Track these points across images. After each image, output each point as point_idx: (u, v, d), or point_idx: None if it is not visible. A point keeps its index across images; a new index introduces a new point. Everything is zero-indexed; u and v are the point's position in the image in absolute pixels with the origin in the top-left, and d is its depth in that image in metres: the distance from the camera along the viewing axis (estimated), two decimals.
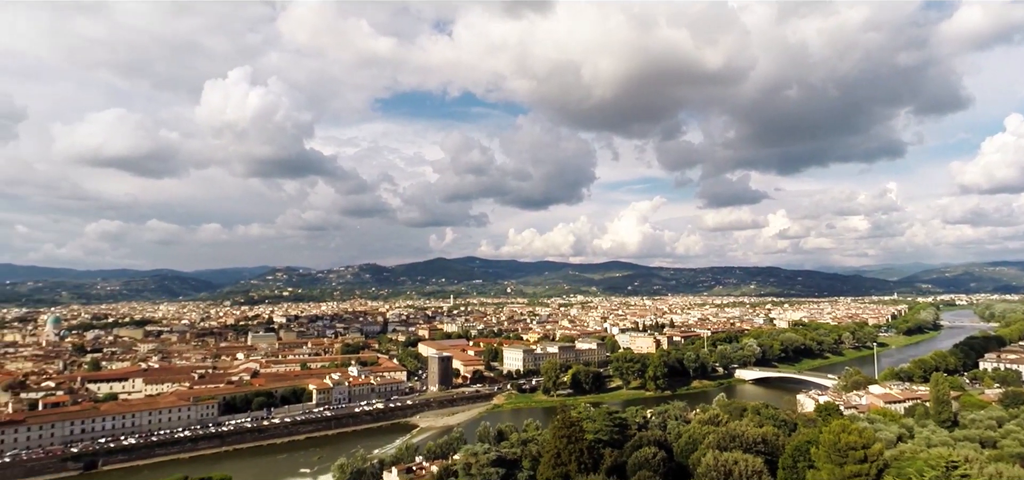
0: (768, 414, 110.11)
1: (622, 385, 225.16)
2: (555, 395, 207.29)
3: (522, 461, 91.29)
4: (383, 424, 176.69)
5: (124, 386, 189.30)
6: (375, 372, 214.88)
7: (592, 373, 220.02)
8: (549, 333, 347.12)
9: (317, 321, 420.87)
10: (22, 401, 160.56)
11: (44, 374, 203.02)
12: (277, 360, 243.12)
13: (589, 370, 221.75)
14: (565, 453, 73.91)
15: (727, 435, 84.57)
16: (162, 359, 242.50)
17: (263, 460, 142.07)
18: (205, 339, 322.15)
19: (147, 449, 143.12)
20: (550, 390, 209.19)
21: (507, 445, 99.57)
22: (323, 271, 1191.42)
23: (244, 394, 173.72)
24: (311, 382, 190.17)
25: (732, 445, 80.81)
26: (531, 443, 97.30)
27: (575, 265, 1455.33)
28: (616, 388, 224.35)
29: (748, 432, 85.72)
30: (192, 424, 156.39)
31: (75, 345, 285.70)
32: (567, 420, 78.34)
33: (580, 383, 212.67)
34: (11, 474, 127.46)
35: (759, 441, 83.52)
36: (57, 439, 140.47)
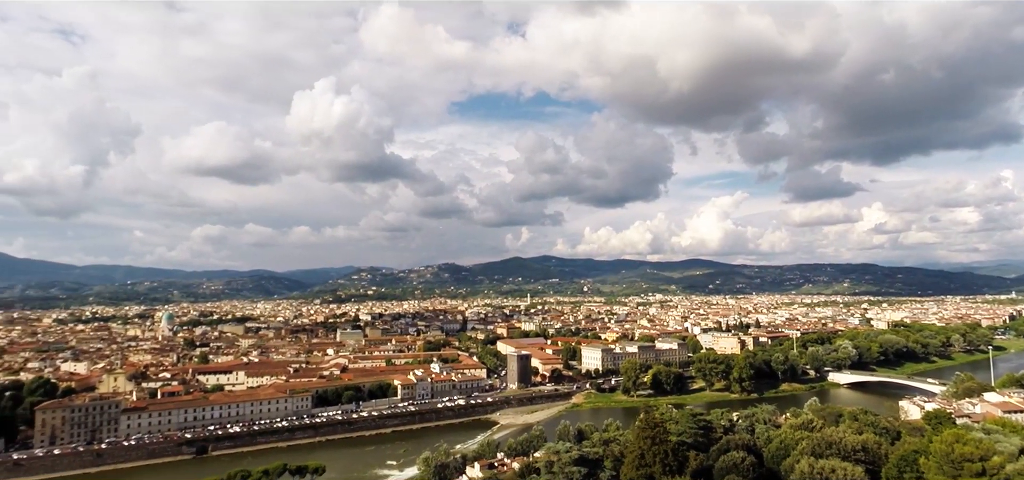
0: (867, 420, 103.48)
1: (705, 387, 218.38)
2: (635, 395, 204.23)
3: (604, 461, 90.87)
4: (464, 420, 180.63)
5: (228, 378, 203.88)
6: (456, 369, 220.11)
7: (673, 374, 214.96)
8: (627, 332, 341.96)
9: (400, 319, 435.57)
10: (144, 390, 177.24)
11: (161, 366, 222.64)
12: (364, 356, 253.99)
13: (670, 371, 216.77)
14: (649, 454, 72.97)
15: (823, 442, 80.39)
16: (261, 354, 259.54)
17: (353, 451, 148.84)
18: (298, 335, 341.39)
19: (250, 437, 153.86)
20: (630, 390, 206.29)
21: (588, 444, 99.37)
22: (404, 271, 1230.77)
23: (335, 388, 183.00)
24: (396, 378, 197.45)
25: (828, 452, 76.79)
26: (613, 443, 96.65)
27: (653, 263, 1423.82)
28: (698, 390, 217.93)
29: (846, 439, 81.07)
30: (288, 415, 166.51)
31: (186, 340, 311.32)
32: (651, 421, 77.28)
33: (661, 384, 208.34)
34: (136, 455, 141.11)
35: (858, 449, 78.81)
36: (173, 425, 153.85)
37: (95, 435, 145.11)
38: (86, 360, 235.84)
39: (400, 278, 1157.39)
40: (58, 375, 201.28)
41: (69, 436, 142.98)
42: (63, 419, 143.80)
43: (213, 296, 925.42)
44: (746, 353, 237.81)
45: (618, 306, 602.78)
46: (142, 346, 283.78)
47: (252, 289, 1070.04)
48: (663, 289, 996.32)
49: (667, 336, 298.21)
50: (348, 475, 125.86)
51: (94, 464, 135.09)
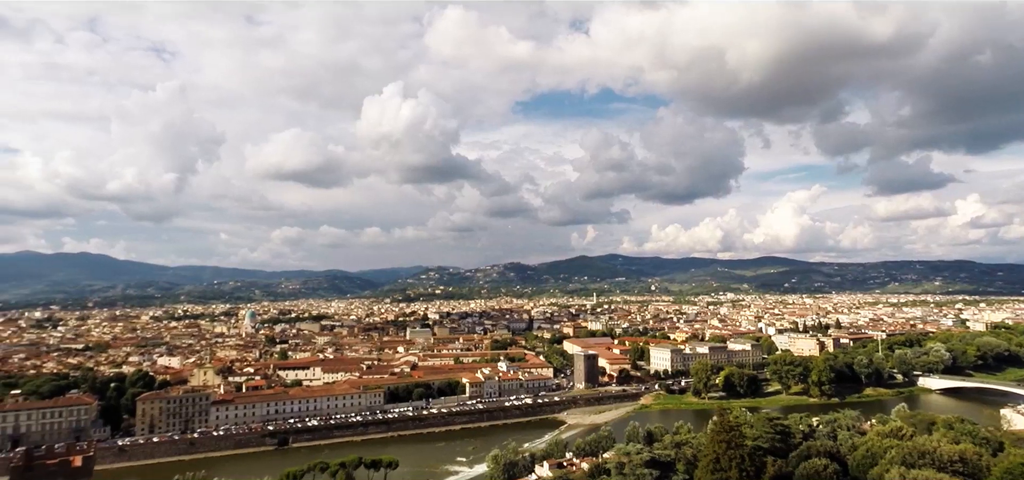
0: (964, 429, 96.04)
1: (781, 390, 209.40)
2: (706, 397, 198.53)
3: (676, 464, 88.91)
4: (531, 419, 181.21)
5: (306, 374, 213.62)
6: (523, 368, 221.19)
7: (747, 376, 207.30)
8: (698, 333, 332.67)
9: (467, 318, 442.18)
10: (230, 384, 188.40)
11: (245, 361, 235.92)
12: (433, 354, 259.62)
13: (743, 373, 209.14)
14: (724, 459, 70.74)
15: (914, 451, 75.34)
16: (335, 351, 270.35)
17: (423, 447, 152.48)
18: (370, 333, 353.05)
19: (326, 431, 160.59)
20: (701, 392, 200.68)
21: (660, 447, 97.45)
22: (471, 270, 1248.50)
23: (405, 385, 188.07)
24: (464, 376, 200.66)
25: (921, 462, 71.90)
26: (685, 446, 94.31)
27: (724, 261, 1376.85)
28: (774, 393, 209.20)
29: (941, 449, 75.56)
30: (362, 410, 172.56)
31: (267, 337, 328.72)
32: (726, 424, 74.89)
33: (734, 386, 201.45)
34: (225, 445, 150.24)
35: (956, 460, 73.28)
36: (257, 417, 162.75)
37: (188, 425, 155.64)
38: (179, 355, 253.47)
39: (467, 277, 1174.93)
40: (155, 369, 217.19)
41: (166, 425, 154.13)
42: (161, 409, 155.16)
43: (291, 295, 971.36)
44: (826, 355, 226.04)
45: (687, 305, 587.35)
46: (228, 342, 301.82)
47: (327, 288, 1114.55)
48: (735, 288, 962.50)
49: (739, 337, 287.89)
50: (419, 470, 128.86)
51: (188, 452, 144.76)
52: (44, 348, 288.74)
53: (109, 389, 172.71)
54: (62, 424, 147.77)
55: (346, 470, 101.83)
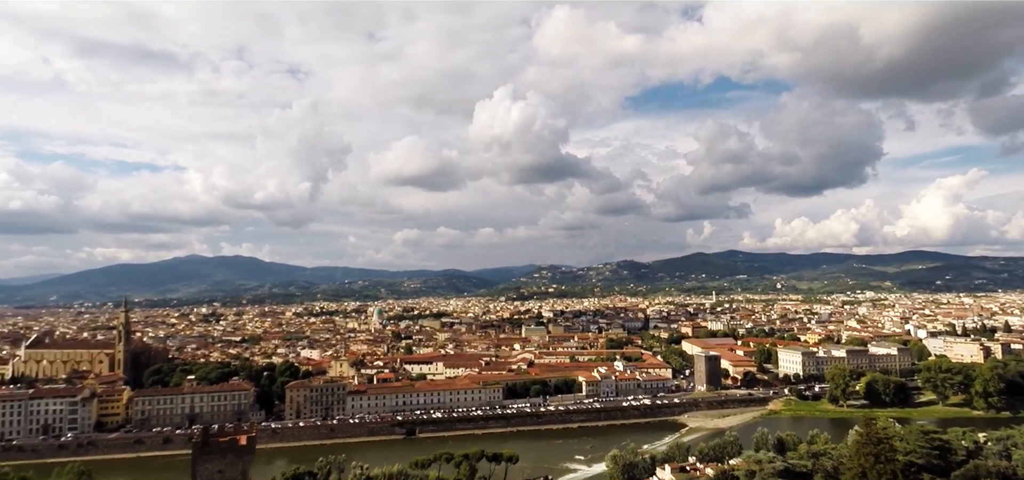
0: None
1: (936, 400, 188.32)
2: (845, 405, 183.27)
3: (813, 476, 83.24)
4: (650, 420, 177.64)
5: (429, 368, 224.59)
6: (640, 368, 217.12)
7: (893, 383, 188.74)
8: (832, 334, 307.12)
9: (581, 316, 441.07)
10: (363, 376, 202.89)
11: (375, 355, 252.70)
12: (548, 352, 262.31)
13: (889, 379, 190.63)
14: (872, 474, 65.31)
15: None
16: (455, 347, 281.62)
17: (541, 443, 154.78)
18: (487, 330, 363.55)
19: (449, 423, 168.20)
20: (838, 399, 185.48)
21: (794, 456, 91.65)
22: (583, 268, 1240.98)
23: (523, 382, 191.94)
24: (580, 374, 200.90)
25: None
26: (824, 457, 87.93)
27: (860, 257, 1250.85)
28: (926, 403, 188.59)
29: None
30: (482, 405, 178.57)
31: (393, 332, 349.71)
32: (874, 435, 69.07)
33: (877, 394, 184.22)
34: (359, 432, 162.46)
35: None
36: (387, 408, 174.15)
37: (328, 412, 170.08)
38: (318, 348, 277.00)
39: (579, 276, 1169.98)
40: (299, 360, 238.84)
41: (309, 411, 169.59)
42: (305, 397, 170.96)
43: (412, 293, 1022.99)
44: (993, 362, 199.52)
45: (819, 305, 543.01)
46: (359, 337, 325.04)
47: (445, 287, 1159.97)
48: (875, 285, 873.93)
49: (882, 340, 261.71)
50: (539, 465, 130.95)
51: (328, 437, 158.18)
52: (210, 340, 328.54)
53: (262, 377, 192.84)
54: (227, 406, 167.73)
55: (469, 462, 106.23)
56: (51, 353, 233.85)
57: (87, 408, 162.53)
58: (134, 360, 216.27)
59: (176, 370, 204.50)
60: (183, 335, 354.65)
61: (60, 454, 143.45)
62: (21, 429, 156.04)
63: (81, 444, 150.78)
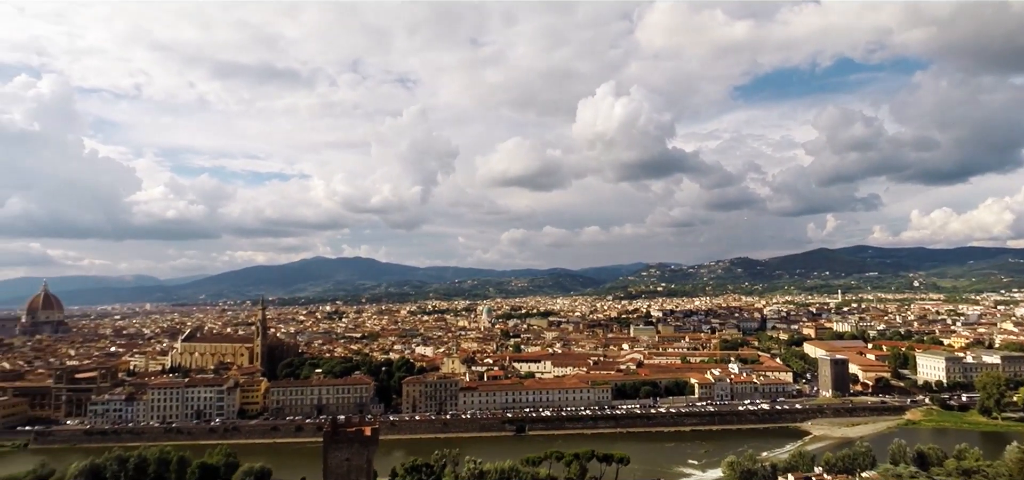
0: None
1: None
2: (1000, 418, 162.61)
3: None
4: (768, 426, 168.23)
5: (537, 366, 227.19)
6: (757, 370, 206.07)
7: None
8: (983, 338, 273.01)
9: (691, 316, 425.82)
10: (474, 373, 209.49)
11: (484, 352, 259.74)
12: (657, 352, 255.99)
13: None
14: None
15: None
16: (563, 346, 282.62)
17: (652, 446, 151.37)
18: (594, 329, 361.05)
19: (558, 422, 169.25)
20: (991, 411, 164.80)
21: (939, 472, 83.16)
22: (693, 266, 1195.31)
23: (632, 382, 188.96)
24: (692, 376, 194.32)
25: None
26: (976, 475, 78.96)
27: (1017, 250, 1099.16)
28: None
29: None
30: (591, 405, 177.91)
31: (502, 331, 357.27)
32: None
33: None
34: (471, 427, 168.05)
35: None
36: (497, 405, 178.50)
37: (442, 407, 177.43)
38: (431, 345, 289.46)
39: (689, 274, 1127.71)
40: (414, 356, 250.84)
41: (424, 406, 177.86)
42: (420, 392, 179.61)
43: (519, 292, 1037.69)
44: None
45: (966, 305, 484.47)
46: (469, 335, 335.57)
47: (551, 286, 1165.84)
48: None
49: None
50: (650, 468, 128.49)
51: (442, 431, 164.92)
52: (333, 336, 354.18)
53: (381, 372, 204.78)
54: (349, 398, 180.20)
55: (580, 461, 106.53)
56: (201, 346, 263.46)
57: (232, 396, 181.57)
58: (269, 354, 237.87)
59: (305, 364, 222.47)
60: (310, 331, 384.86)
61: (210, 437, 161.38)
62: (179, 413, 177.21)
63: (227, 429, 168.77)
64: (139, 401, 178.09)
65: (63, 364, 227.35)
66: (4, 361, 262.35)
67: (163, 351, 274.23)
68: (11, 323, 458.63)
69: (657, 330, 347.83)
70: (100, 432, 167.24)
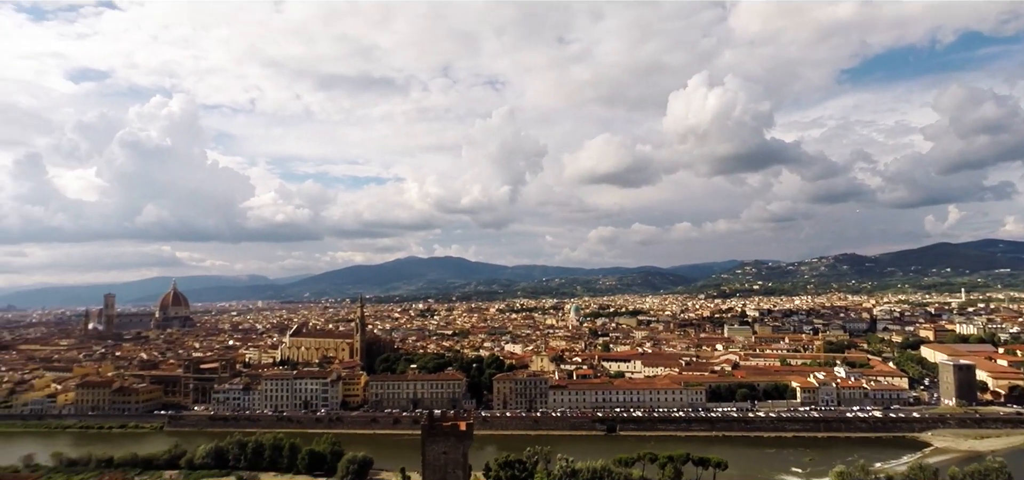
0: None
1: None
2: None
3: None
4: (881, 435, 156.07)
5: (627, 366, 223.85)
6: (867, 375, 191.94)
7: None
8: None
9: (791, 316, 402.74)
10: (562, 371, 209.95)
11: (573, 351, 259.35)
12: (754, 354, 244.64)
13: None
14: None
15: None
16: (653, 345, 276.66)
17: (750, 451, 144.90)
18: (686, 329, 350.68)
19: (649, 423, 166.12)
20: None
21: None
22: (793, 263, 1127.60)
23: (728, 384, 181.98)
24: (793, 379, 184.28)
25: None
26: None
27: None
28: None
29: None
30: (684, 406, 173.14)
31: (590, 329, 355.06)
32: None
33: None
34: (560, 425, 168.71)
35: None
36: (587, 404, 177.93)
37: (532, 404, 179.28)
38: (520, 343, 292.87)
39: (788, 271, 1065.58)
40: (503, 354, 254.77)
41: (515, 402, 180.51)
42: (511, 389, 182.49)
43: (608, 291, 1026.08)
44: None
45: None
46: (557, 333, 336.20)
47: (640, 284, 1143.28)
48: None
49: None
50: (750, 475, 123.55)
51: (532, 428, 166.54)
52: (426, 332, 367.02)
53: (472, 368, 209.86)
54: (443, 393, 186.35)
55: (674, 464, 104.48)
56: (307, 341, 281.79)
57: (335, 389, 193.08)
58: (368, 349, 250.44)
59: (400, 359, 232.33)
60: (404, 328, 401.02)
61: (316, 426, 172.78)
62: (288, 403, 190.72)
63: (331, 419, 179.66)
64: (254, 391, 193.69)
65: (190, 356, 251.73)
66: (142, 352, 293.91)
67: (273, 345, 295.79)
68: (147, 318, 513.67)
69: (754, 330, 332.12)
70: (222, 418, 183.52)
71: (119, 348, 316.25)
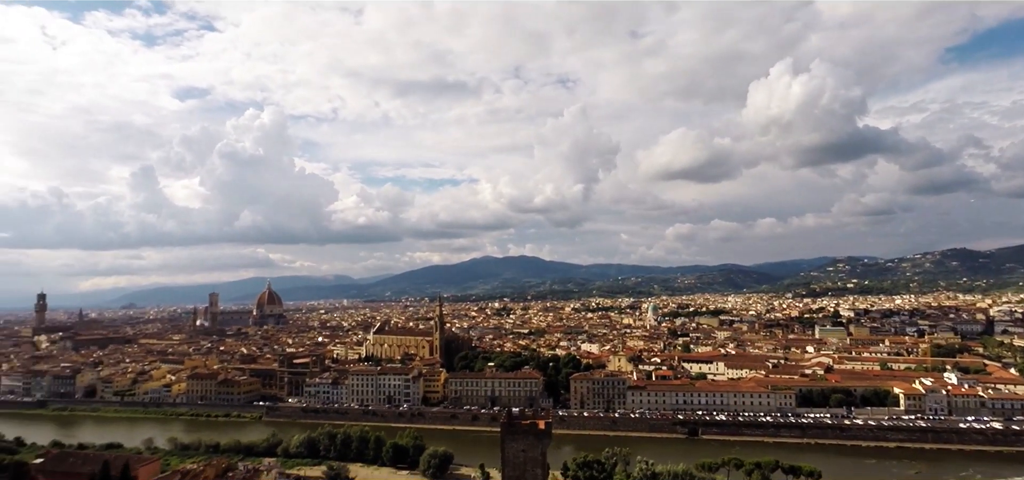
0: None
1: None
2: None
3: None
4: (1002, 449, 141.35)
5: (709, 368, 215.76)
6: (984, 382, 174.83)
7: None
8: None
9: (892, 316, 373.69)
10: (641, 372, 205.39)
11: (651, 351, 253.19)
12: (850, 357, 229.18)
13: None
14: None
15: None
16: (737, 346, 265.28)
17: (846, 461, 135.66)
18: (772, 330, 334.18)
19: (734, 427, 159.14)
20: None
21: None
22: (892, 260, 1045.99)
23: (820, 389, 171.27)
24: (896, 385, 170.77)
25: None
26: None
27: None
28: None
29: None
30: (771, 411, 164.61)
31: (669, 329, 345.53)
32: None
33: None
34: (639, 427, 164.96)
35: None
36: (667, 405, 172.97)
37: (610, 405, 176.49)
38: (597, 342, 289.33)
39: (887, 268, 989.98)
40: (579, 353, 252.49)
41: (592, 402, 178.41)
42: (588, 389, 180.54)
43: (686, 290, 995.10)
44: None
45: None
46: (635, 333, 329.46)
47: (721, 283, 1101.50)
48: None
49: None
50: None
51: (610, 429, 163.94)
52: (502, 331, 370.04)
53: (548, 367, 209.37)
54: (520, 391, 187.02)
55: (762, 471, 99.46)
56: (389, 338, 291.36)
57: (416, 385, 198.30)
58: (446, 347, 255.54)
59: (478, 357, 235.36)
60: (481, 326, 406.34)
61: (399, 420, 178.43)
62: (373, 397, 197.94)
63: (413, 414, 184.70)
64: (342, 385, 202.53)
65: (284, 351, 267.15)
66: (242, 347, 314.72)
67: (358, 342, 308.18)
68: (245, 315, 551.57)
69: (848, 331, 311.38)
70: (313, 410, 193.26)
71: (222, 343, 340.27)
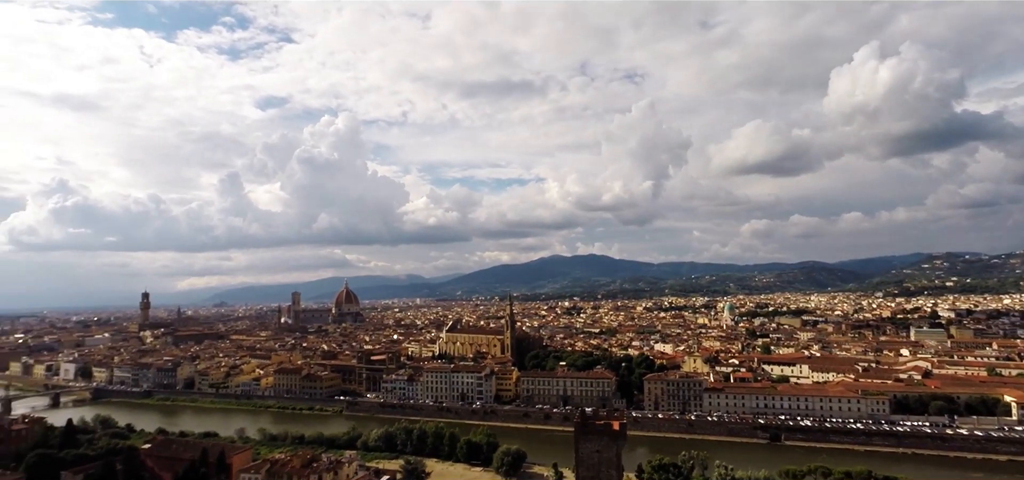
0: None
1: None
2: None
3: None
4: None
5: (792, 370, 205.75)
6: None
7: None
8: None
9: (1000, 317, 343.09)
10: (718, 373, 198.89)
11: (728, 352, 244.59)
12: (951, 361, 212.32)
13: None
14: None
15: None
16: (822, 348, 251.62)
17: (948, 474, 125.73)
18: (861, 331, 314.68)
19: (821, 433, 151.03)
20: None
21: None
22: (999, 256, 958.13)
23: (918, 395, 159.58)
24: (1006, 393, 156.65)
25: None
26: None
27: None
28: None
29: None
30: (862, 418, 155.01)
31: (747, 330, 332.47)
32: None
33: None
34: (717, 430, 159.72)
35: None
36: (746, 409, 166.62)
37: (685, 407, 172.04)
38: (670, 342, 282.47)
39: (992, 265, 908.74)
40: (652, 353, 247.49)
41: (667, 404, 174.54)
42: (662, 390, 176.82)
43: (765, 289, 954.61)
44: None
45: None
46: (711, 333, 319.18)
47: (803, 281, 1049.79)
48: None
49: None
50: None
51: (686, 431, 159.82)
52: (573, 330, 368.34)
53: (621, 367, 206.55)
54: (592, 391, 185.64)
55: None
56: (462, 337, 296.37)
57: (489, 382, 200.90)
58: (517, 345, 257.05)
59: (549, 356, 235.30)
60: (552, 326, 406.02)
61: (472, 417, 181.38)
62: (446, 394, 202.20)
63: (486, 411, 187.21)
64: (417, 382, 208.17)
65: (362, 348, 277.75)
66: (323, 344, 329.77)
67: (432, 340, 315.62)
68: (325, 313, 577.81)
69: (949, 334, 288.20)
70: (390, 406, 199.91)
71: (305, 340, 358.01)
